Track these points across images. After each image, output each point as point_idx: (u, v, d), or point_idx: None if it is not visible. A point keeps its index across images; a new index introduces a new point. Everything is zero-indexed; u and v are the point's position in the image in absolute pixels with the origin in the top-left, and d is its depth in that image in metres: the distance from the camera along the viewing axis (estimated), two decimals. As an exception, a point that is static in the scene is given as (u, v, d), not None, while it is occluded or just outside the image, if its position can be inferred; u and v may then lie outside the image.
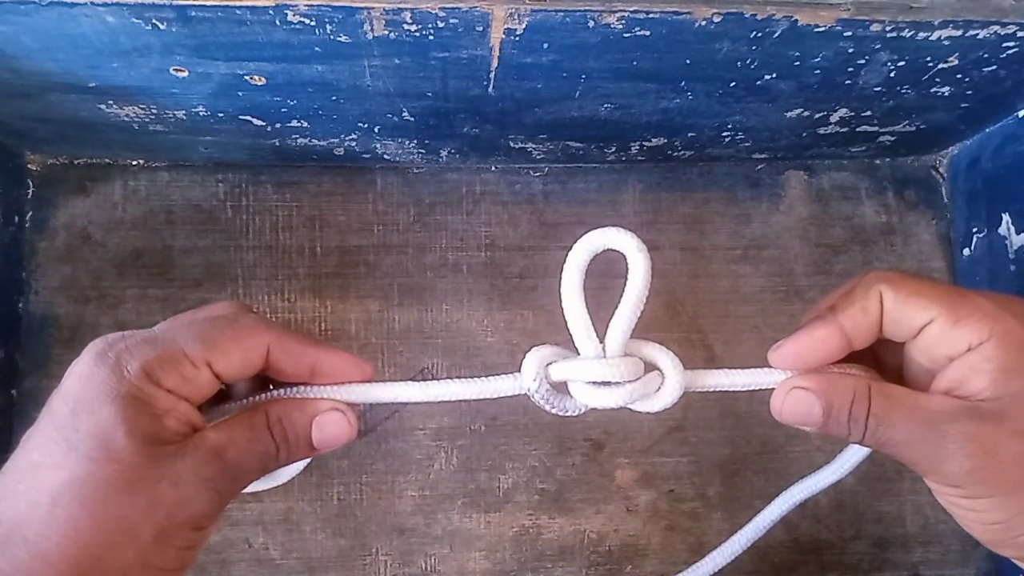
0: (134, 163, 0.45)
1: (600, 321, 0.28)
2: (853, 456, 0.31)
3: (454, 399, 0.28)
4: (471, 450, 0.44)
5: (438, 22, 0.29)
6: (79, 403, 0.23)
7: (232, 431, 0.25)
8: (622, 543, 0.44)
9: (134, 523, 0.23)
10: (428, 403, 0.29)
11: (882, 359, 0.29)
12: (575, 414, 0.28)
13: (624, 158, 0.46)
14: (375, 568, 0.43)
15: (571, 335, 0.27)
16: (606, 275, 0.47)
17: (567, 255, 0.27)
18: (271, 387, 0.28)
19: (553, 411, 0.28)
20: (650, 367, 0.28)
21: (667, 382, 0.28)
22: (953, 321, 0.25)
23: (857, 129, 0.42)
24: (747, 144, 0.44)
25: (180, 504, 0.24)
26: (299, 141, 0.41)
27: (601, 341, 0.27)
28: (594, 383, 0.27)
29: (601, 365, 0.27)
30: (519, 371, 0.28)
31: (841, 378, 0.26)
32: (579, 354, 0.27)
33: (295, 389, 0.27)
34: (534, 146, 0.43)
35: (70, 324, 0.43)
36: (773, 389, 0.28)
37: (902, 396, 0.26)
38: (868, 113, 0.39)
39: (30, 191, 0.44)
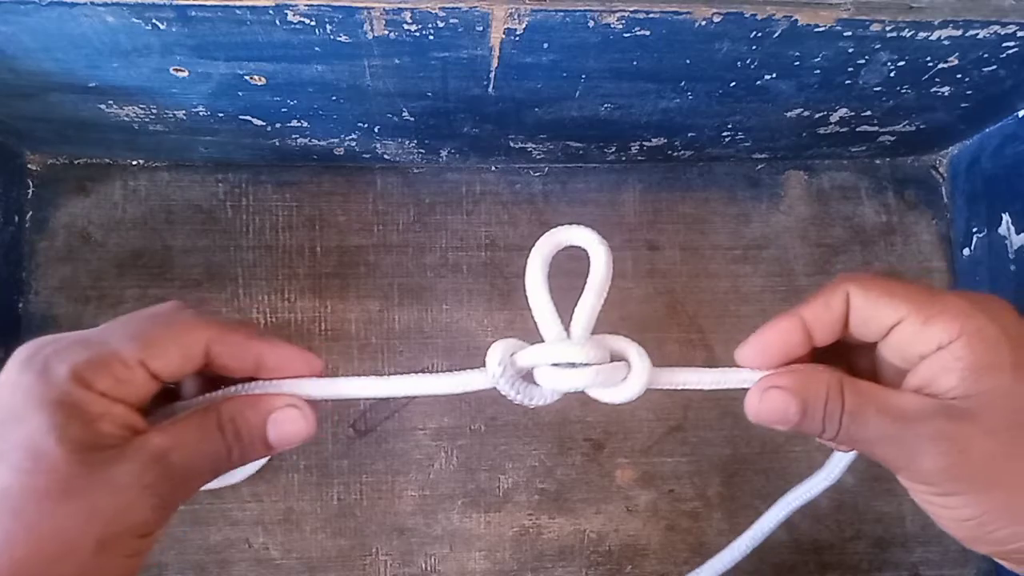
0: (134, 163, 0.45)
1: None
2: (848, 456, 0.32)
3: (419, 395, 0.27)
4: (471, 450, 0.44)
5: (438, 22, 0.29)
6: (6, 412, 0.22)
7: (179, 433, 0.24)
8: (622, 543, 0.44)
9: (72, 534, 0.22)
10: (423, 402, 0.29)
11: (854, 363, 0.29)
12: (542, 403, 0.28)
13: (624, 158, 0.46)
14: (375, 568, 0.43)
15: (536, 323, 0.28)
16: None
17: (530, 251, 0.28)
18: (223, 386, 0.27)
19: (519, 399, 0.27)
20: (619, 359, 0.28)
21: (633, 371, 0.27)
22: (923, 320, 0.24)
23: (857, 129, 0.42)
24: (747, 144, 0.44)
25: (120, 512, 0.23)
26: (299, 141, 0.41)
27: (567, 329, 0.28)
28: (558, 365, 0.27)
29: (565, 346, 0.27)
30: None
31: (814, 374, 0.26)
32: (544, 341, 0.27)
33: (248, 386, 0.26)
34: (534, 146, 0.43)
35: (70, 324, 0.43)
36: (743, 389, 0.28)
37: (874, 392, 0.25)
38: (868, 113, 0.39)
39: (30, 191, 0.44)
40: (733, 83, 0.35)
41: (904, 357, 0.26)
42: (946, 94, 0.37)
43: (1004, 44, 0.32)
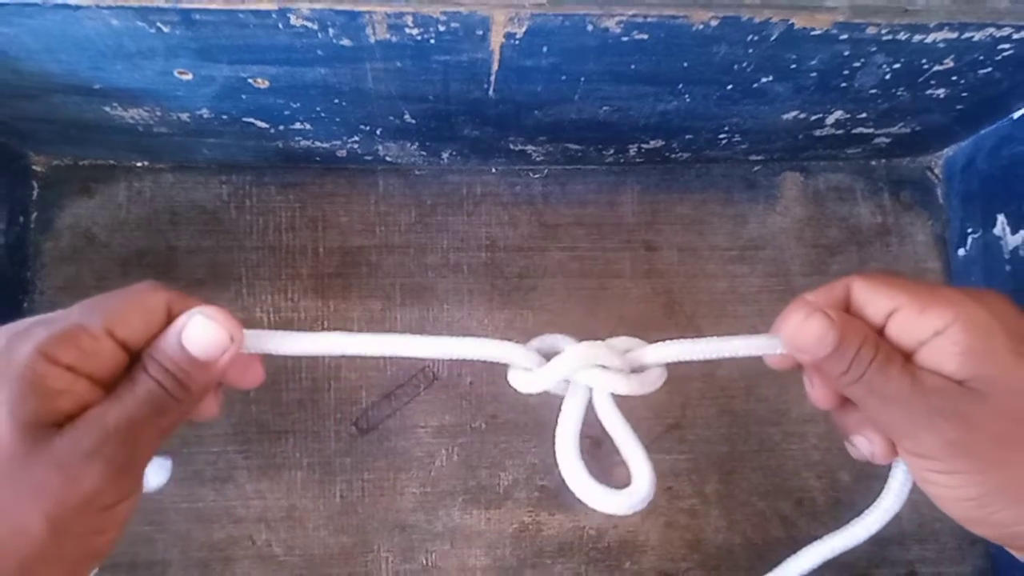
0: (138, 164, 0.45)
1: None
2: (896, 498, 0.31)
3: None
4: (472, 447, 0.45)
5: (439, 26, 0.29)
6: None
7: (113, 393, 0.24)
8: (621, 539, 0.45)
9: (21, 515, 0.21)
10: (425, 400, 0.29)
11: None
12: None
13: (622, 160, 0.46)
14: (377, 564, 0.44)
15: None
16: (604, 275, 0.47)
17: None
18: None
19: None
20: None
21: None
22: (919, 308, 0.26)
23: (853, 131, 0.42)
24: (744, 146, 0.44)
25: (68, 487, 0.22)
26: (302, 143, 0.41)
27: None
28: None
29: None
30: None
31: (856, 320, 0.27)
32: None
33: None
34: (534, 148, 0.43)
35: (74, 323, 0.43)
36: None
37: (900, 358, 0.26)
38: (864, 115, 0.40)
39: (35, 192, 0.44)
40: (730, 86, 0.35)
41: (904, 346, 0.27)
42: (941, 96, 0.37)
43: (999, 46, 0.32)
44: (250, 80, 0.33)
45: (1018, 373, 0.25)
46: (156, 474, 0.29)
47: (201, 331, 0.25)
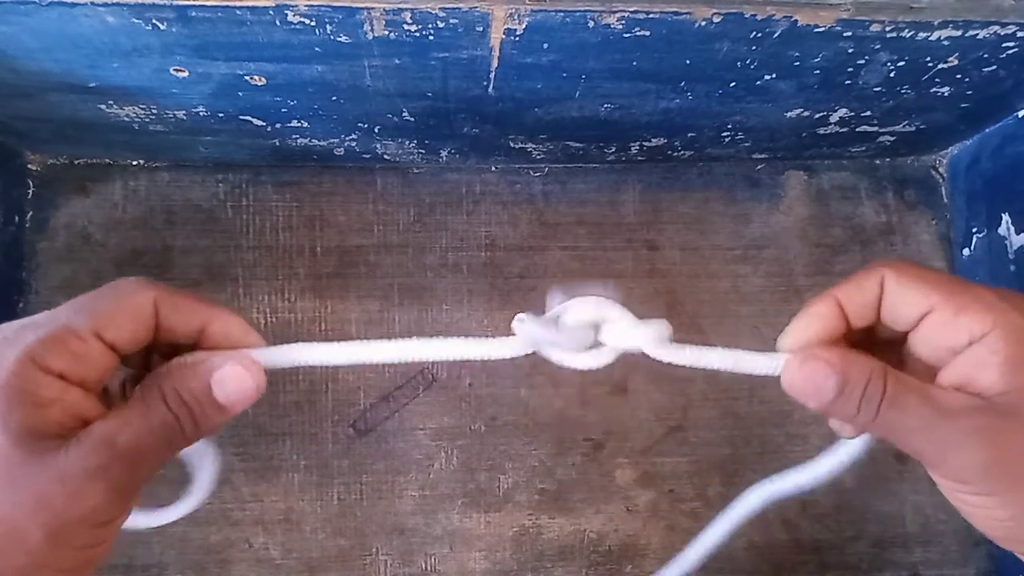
0: (134, 163, 0.45)
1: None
2: (844, 454, 0.31)
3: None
4: (471, 450, 0.44)
5: (438, 22, 0.29)
6: None
7: (124, 414, 0.24)
8: (622, 543, 0.44)
9: (19, 524, 0.21)
10: (423, 402, 0.29)
11: (882, 360, 0.29)
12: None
13: (624, 158, 0.46)
14: (375, 568, 0.43)
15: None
16: (606, 275, 0.47)
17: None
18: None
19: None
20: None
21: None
22: (954, 310, 0.24)
23: (857, 129, 0.42)
24: (747, 144, 0.44)
25: (69, 500, 0.22)
26: (299, 141, 0.41)
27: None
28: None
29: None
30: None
31: (858, 356, 0.25)
32: None
33: (203, 354, 0.26)
34: (534, 146, 0.43)
35: (70, 324, 0.43)
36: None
37: (916, 384, 0.25)
38: (868, 113, 0.39)
39: (30, 191, 0.44)
40: (733, 83, 0.35)
41: (934, 350, 0.25)
42: (946, 94, 0.37)
43: (1004, 44, 0.32)
44: (247, 77, 0.33)
45: None
46: (171, 512, 0.30)
47: (235, 381, 0.25)
